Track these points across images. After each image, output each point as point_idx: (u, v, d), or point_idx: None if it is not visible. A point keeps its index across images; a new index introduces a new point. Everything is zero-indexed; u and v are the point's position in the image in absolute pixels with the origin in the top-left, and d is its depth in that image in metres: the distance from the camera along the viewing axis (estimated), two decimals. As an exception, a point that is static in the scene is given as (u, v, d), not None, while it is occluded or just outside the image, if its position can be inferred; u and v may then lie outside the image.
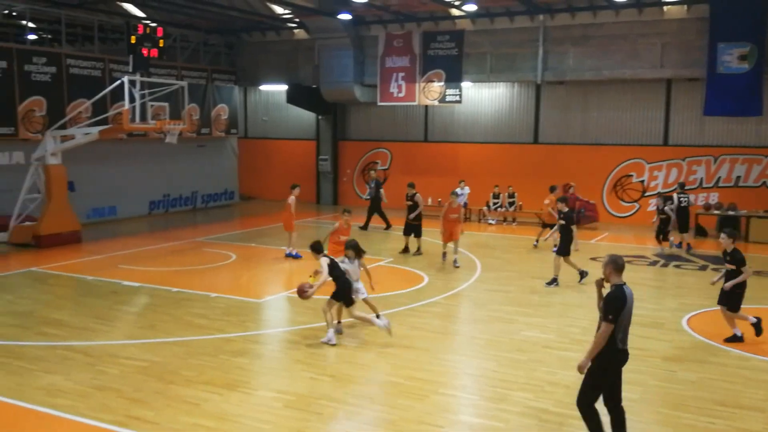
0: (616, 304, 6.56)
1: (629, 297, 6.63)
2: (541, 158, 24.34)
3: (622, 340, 6.66)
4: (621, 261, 6.76)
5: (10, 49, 19.44)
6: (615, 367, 6.75)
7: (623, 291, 6.63)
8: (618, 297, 6.59)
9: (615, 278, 6.75)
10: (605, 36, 22.14)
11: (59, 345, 10.27)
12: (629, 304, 6.62)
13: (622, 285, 6.70)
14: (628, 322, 6.67)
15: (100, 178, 22.43)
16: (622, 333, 6.63)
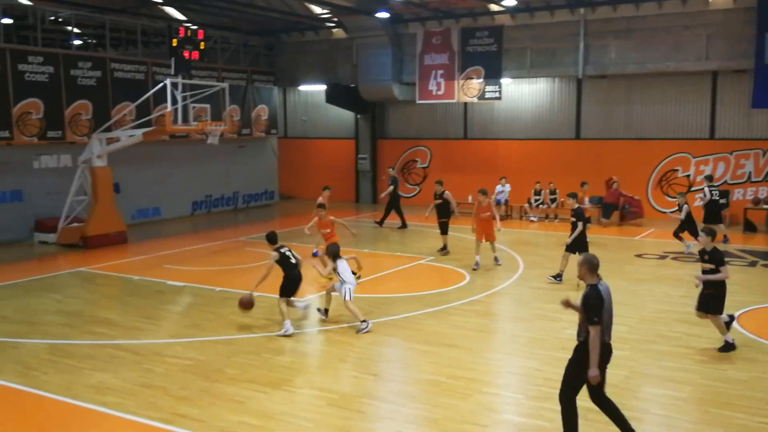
0: (597, 304, 6.65)
1: (605, 294, 6.75)
2: (583, 154, 24.00)
3: (608, 335, 6.81)
4: (596, 261, 6.85)
5: (57, 55, 19.92)
6: (604, 360, 6.83)
7: (598, 290, 6.72)
8: (596, 297, 6.68)
9: (590, 278, 6.82)
10: (648, 28, 21.71)
11: (107, 344, 10.48)
12: (607, 301, 6.74)
13: (597, 284, 6.78)
14: (609, 317, 6.79)
15: (144, 180, 22.85)
16: (606, 329, 6.76)
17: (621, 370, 9.19)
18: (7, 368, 9.42)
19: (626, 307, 12.34)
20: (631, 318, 11.61)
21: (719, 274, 9.80)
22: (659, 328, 11.05)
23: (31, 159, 19.95)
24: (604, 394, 6.97)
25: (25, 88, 18.84)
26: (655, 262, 16.37)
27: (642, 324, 11.29)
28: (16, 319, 11.86)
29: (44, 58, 19.38)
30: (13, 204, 19.63)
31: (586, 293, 6.79)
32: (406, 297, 13.18)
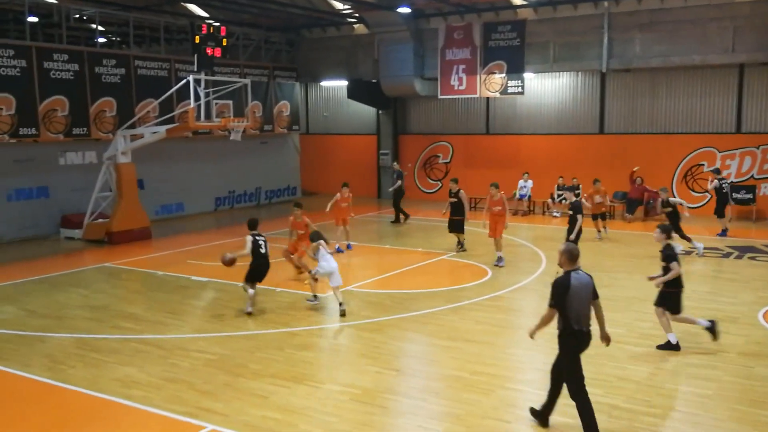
0: (558, 290, 6.97)
1: (575, 282, 6.95)
2: (607, 149, 23.79)
3: (576, 322, 6.95)
4: (576, 252, 7.14)
5: (82, 52, 20.14)
6: (575, 346, 7.04)
7: (568, 278, 6.97)
8: (560, 284, 6.96)
9: (567, 265, 7.09)
10: (674, 21, 21.41)
11: (133, 338, 10.60)
12: (575, 289, 6.93)
13: (571, 271, 7.02)
14: (579, 304, 6.97)
15: (167, 176, 23.06)
16: (574, 315, 6.94)
17: (645, 366, 9.13)
18: (35, 362, 9.57)
19: (650, 303, 12.15)
20: (654, 314, 11.48)
21: (670, 273, 9.76)
22: (684, 325, 10.91)
23: (57, 156, 20.24)
24: (583, 387, 7.06)
25: (50, 86, 19.09)
26: (680, 258, 16.12)
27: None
28: (44, 314, 12.04)
29: (69, 55, 19.61)
30: (40, 200, 19.92)
31: (556, 278, 7.09)
32: (429, 293, 13.17)
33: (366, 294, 13.21)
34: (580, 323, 6.98)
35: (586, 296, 7.04)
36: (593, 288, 7.16)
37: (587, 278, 7.11)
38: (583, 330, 7.01)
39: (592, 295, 7.13)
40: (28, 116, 18.61)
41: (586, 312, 7.05)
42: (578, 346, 7.06)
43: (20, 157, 19.53)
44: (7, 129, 18.26)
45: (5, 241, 19.04)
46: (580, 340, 7.04)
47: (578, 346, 7.06)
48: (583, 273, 7.10)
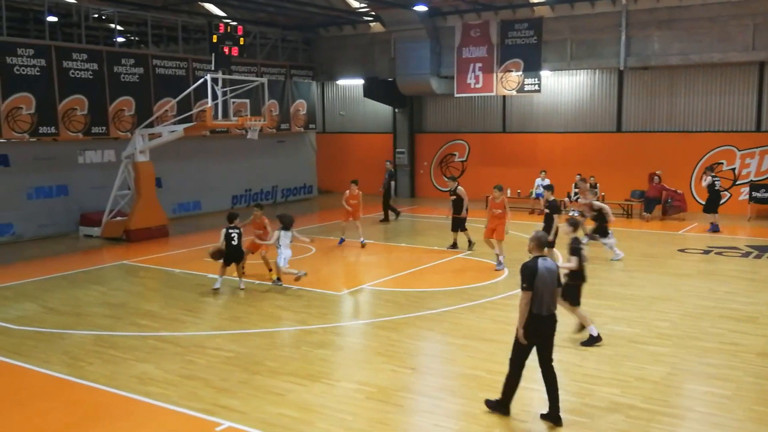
0: (527, 273, 7.33)
1: (542, 267, 7.34)
2: (624, 147, 23.63)
3: (537, 307, 7.30)
4: (544, 239, 7.64)
5: (101, 52, 20.31)
6: (533, 330, 7.34)
7: (536, 262, 7.38)
8: (529, 267, 7.35)
9: (535, 252, 7.56)
10: (693, 18, 21.21)
11: (150, 335, 10.68)
12: (542, 273, 7.30)
13: (538, 257, 7.45)
14: (544, 289, 7.32)
15: (185, 174, 23.21)
16: (537, 300, 7.29)
17: (663, 366, 9.06)
18: (54, 358, 9.68)
19: (668, 302, 12.15)
20: (674, 314, 11.42)
21: (569, 264, 9.86)
22: (703, 325, 10.84)
23: (77, 154, 20.44)
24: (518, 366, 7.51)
25: (70, 85, 19.27)
26: (699, 257, 16.04)
27: (685, 320, 11.09)
28: (63, 311, 12.16)
29: (88, 55, 19.79)
30: (59, 198, 20.12)
31: (524, 263, 7.44)
32: (445, 291, 13.16)
33: (381, 292, 13.23)
34: (540, 308, 7.33)
35: (551, 282, 7.40)
36: (558, 276, 7.56)
37: (554, 265, 7.51)
38: (542, 314, 7.35)
39: (556, 283, 7.49)
40: (47, 115, 18.80)
41: (549, 297, 7.38)
42: (534, 329, 7.37)
43: (40, 155, 19.76)
44: (27, 128, 18.45)
45: (25, 239, 19.26)
46: (538, 324, 7.37)
47: (534, 329, 7.37)
48: (550, 261, 7.51)
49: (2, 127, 17.91)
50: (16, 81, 18.08)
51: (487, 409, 7.74)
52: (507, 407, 7.63)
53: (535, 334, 7.38)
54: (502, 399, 7.63)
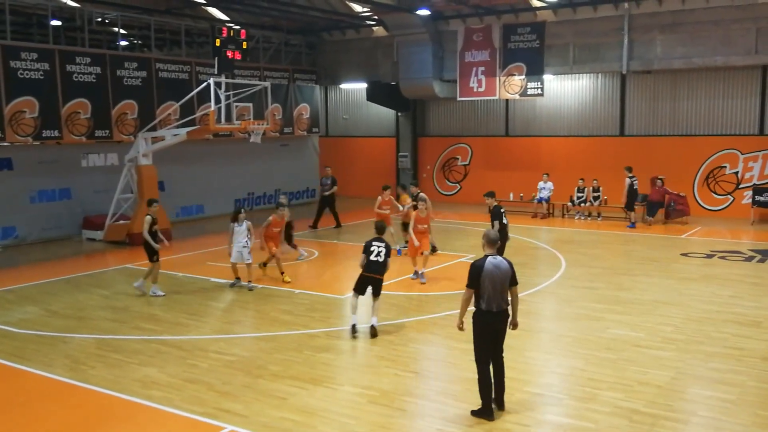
0: (472, 271, 7.61)
1: (489, 265, 7.55)
2: (627, 151, 23.60)
3: (486, 303, 7.55)
4: (492, 236, 7.89)
5: (104, 55, 20.35)
6: (482, 326, 7.61)
7: (483, 261, 7.60)
8: (476, 266, 7.61)
9: (487, 250, 7.76)
10: (695, 22, 21.18)
11: (153, 339, 10.68)
12: (489, 271, 7.52)
13: (488, 255, 7.66)
14: (491, 287, 7.53)
15: (188, 178, 23.22)
16: (485, 296, 7.54)
17: (667, 371, 9.04)
18: (57, 362, 9.68)
19: (672, 306, 12.12)
20: (677, 318, 11.39)
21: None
22: (706, 329, 10.81)
23: (80, 157, 20.44)
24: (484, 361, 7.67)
25: (73, 89, 19.29)
26: (702, 261, 16.01)
27: (688, 324, 11.06)
28: (66, 314, 12.17)
29: (91, 58, 19.82)
30: (62, 201, 20.15)
31: (473, 261, 7.73)
32: (447, 295, 13.14)
33: (385, 296, 13.13)
34: (489, 304, 7.55)
35: (501, 280, 7.57)
36: (511, 274, 7.67)
37: (506, 264, 7.67)
38: (492, 311, 7.57)
39: (509, 281, 7.65)
40: (51, 119, 18.83)
41: (498, 295, 7.56)
42: (484, 325, 7.60)
43: (43, 159, 19.79)
44: (31, 131, 18.49)
45: (28, 242, 19.27)
46: (487, 320, 7.59)
47: (484, 325, 7.60)
48: (501, 259, 7.70)
49: (6, 130, 17.94)
50: (20, 85, 18.11)
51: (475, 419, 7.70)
52: (489, 410, 7.66)
53: (486, 330, 7.62)
54: (483, 403, 7.69)
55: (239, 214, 13.76)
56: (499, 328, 7.71)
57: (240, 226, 13.65)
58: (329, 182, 21.53)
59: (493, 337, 7.70)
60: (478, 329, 7.66)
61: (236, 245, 13.66)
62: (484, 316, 7.62)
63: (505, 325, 7.78)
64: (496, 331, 7.71)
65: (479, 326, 7.64)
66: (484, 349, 7.68)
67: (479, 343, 7.69)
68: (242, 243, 13.62)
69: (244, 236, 13.65)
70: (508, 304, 7.72)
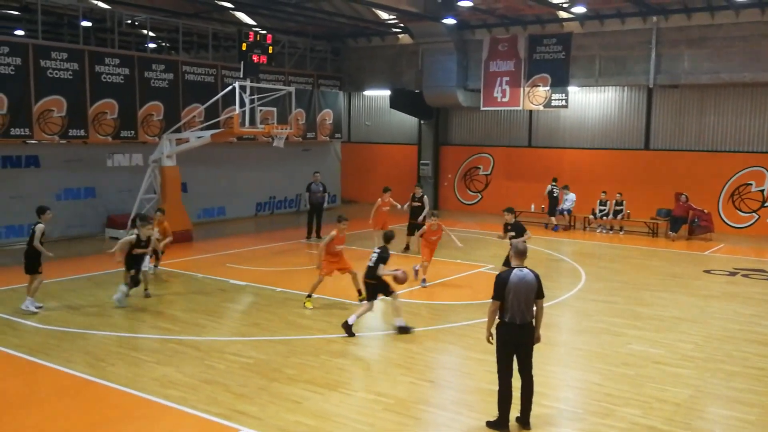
0: (497, 284, 7.55)
1: (514, 277, 7.47)
2: (651, 165, 23.43)
3: (510, 315, 7.48)
4: (521, 247, 7.78)
5: (132, 57, 20.60)
6: (505, 338, 7.54)
7: (508, 273, 7.54)
8: (501, 278, 7.55)
9: (514, 261, 7.71)
10: (724, 37, 21.00)
11: (172, 339, 10.76)
12: (514, 284, 7.45)
13: (514, 268, 7.59)
14: (516, 300, 7.45)
15: (210, 180, 23.41)
16: (509, 309, 7.47)
17: (686, 388, 8.93)
18: (77, 358, 9.78)
19: (692, 323, 11.98)
20: (697, 335, 11.26)
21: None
22: (727, 348, 10.67)
23: (105, 157, 20.71)
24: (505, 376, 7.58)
25: (101, 89, 19.55)
26: (725, 279, 15.81)
27: (709, 342, 10.93)
28: (88, 312, 12.31)
29: (120, 60, 20.08)
30: (87, 200, 20.40)
31: (498, 273, 7.69)
32: (466, 305, 13.11)
33: (402, 303, 13.17)
34: (513, 317, 7.47)
35: (525, 293, 7.47)
36: (537, 287, 7.55)
37: (531, 277, 7.56)
38: (515, 323, 7.48)
39: (535, 294, 7.54)
40: (78, 118, 19.09)
41: (522, 307, 7.47)
42: (507, 337, 7.53)
43: (70, 157, 20.06)
44: (58, 130, 18.75)
45: (52, 239, 19.49)
46: (510, 332, 7.51)
47: (507, 337, 7.53)
48: (528, 271, 7.59)
49: (34, 128, 18.22)
50: (49, 84, 18.38)
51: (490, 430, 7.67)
52: (506, 423, 7.60)
53: (509, 342, 7.54)
54: (499, 415, 7.62)
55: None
56: (522, 341, 7.59)
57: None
58: (321, 189, 20.90)
59: (517, 350, 7.58)
60: (500, 341, 7.59)
61: None
62: (507, 328, 7.53)
63: (531, 338, 7.64)
64: (520, 345, 7.59)
65: (502, 338, 7.57)
66: (506, 361, 7.58)
67: (501, 355, 7.61)
68: None
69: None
70: (529, 318, 7.59)
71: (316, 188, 20.83)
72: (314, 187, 20.82)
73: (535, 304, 7.60)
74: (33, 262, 12.20)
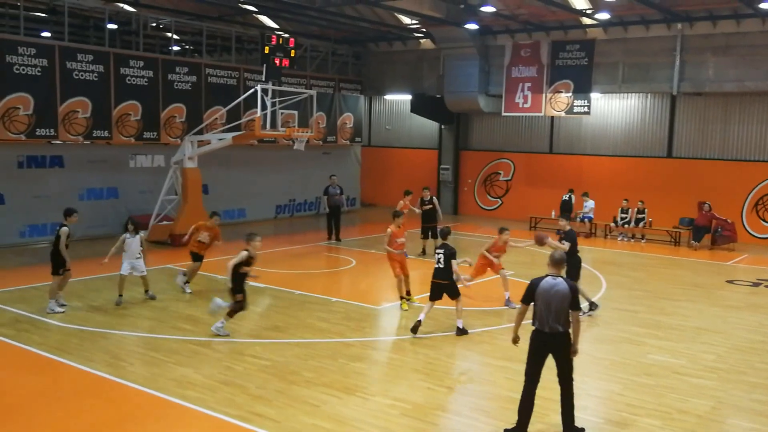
0: (528, 288, 7.61)
1: (545, 284, 7.46)
2: (674, 173, 23.19)
3: (539, 322, 7.49)
4: (557, 256, 7.71)
5: (156, 59, 20.79)
6: (534, 345, 7.55)
7: (539, 279, 7.55)
8: (532, 283, 7.60)
9: (549, 269, 7.63)
10: (750, 45, 20.76)
11: (191, 339, 10.82)
12: (543, 290, 7.43)
13: (546, 276, 7.56)
14: (544, 307, 7.42)
15: (231, 182, 23.53)
16: (538, 315, 7.49)
17: (707, 400, 8.81)
18: (97, 357, 9.86)
19: (715, 334, 11.83)
20: (720, 346, 11.11)
21: None
22: (751, 359, 10.52)
23: (128, 158, 20.92)
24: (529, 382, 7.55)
25: (125, 91, 19.75)
26: (748, 290, 15.60)
27: (732, 353, 10.78)
28: (108, 311, 12.41)
29: (144, 62, 20.27)
30: (109, 200, 20.59)
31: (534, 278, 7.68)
32: (484, 311, 13.05)
33: (421, 309, 13.13)
34: (542, 324, 7.45)
35: (555, 301, 7.39)
36: (569, 298, 7.41)
37: (564, 286, 7.44)
38: (544, 331, 7.45)
39: (567, 304, 7.42)
40: (102, 119, 19.29)
41: (551, 316, 7.41)
42: (536, 344, 7.53)
43: (93, 158, 20.27)
44: (82, 131, 18.96)
45: (74, 238, 19.65)
46: (538, 339, 7.52)
47: (536, 344, 7.53)
48: (562, 281, 7.49)
49: (59, 129, 18.44)
50: (75, 85, 18.61)
51: None
52: (523, 430, 7.54)
53: (537, 349, 7.53)
54: (517, 421, 7.56)
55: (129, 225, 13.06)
56: (552, 351, 7.52)
57: (131, 238, 12.93)
58: (338, 191, 21.15)
59: (554, 358, 7.53)
60: (530, 347, 7.61)
61: (128, 258, 12.89)
62: (535, 334, 7.55)
63: (562, 349, 7.51)
64: (550, 352, 7.52)
65: (531, 344, 7.59)
66: (532, 368, 7.55)
67: (528, 361, 7.62)
68: (135, 255, 12.94)
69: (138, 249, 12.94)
70: (564, 328, 7.44)
71: (333, 191, 21.00)
72: (332, 190, 21.01)
73: (570, 315, 7.46)
74: (55, 263, 12.25)
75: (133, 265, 12.98)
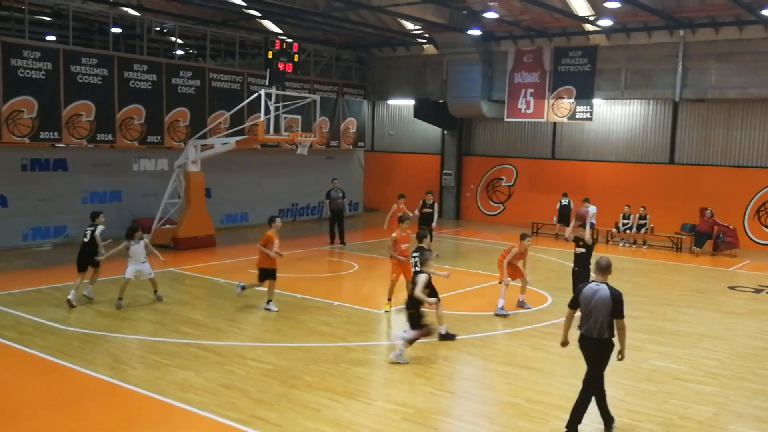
0: (574, 293, 7.92)
1: (588, 290, 7.66)
2: (676, 179, 23.20)
3: (582, 326, 7.73)
4: (603, 262, 7.93)
5: (160, 64, 20.87)
6: (581, 346, 7.78)
7: (584, 285, 7.80)
8: (578, 289, 7.87)
9: (595, 276, 7.88)
10: (753, 52, 20.77)
11: (192, 343, 10.83)
12: (586, 296, 7.64)
13: (592, 282, 7.79)
14: (586, 310, 7.65)
15: (234, 186, 23.58)
16: (582, 321, 7.73)
17: (709, 406, 8.81)
18: (99, 360, 9.89)
19: (717, 340, 11.82)
20: (722, 352, 11.10)
21: None
22: (752, 366, 10.51)
23: (131, 162, 20.98)
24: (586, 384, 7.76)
25: (129, 95, 19.83)
26: (750, 296, 15.59)
27: (734, 360, 10.77)
28: (110, 314, 12.44)
29: (148, 66, 20.35)
30: (113, 203, 20.62)
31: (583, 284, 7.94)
32: (487, 316, 13.05)
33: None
34: (589, 329, 7.64)
35: (598, 307, 7.54)
36: (612, 306, 7.52)
37: (606, 293, 7.55)
38: (584, 334, 7.69)
39: (612, 311, 7.53)
40: (106, 123, 19.37)
41: (592, 320, 7.58)
42: (581, 346, 7.77)
43: (97, 161, 20.33)
44: (86, 134, 19.02)
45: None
46: (582, 344, 7.75)
47: (581, 346, 7.77)
48: (605, 288, 7.60)
49: (63, 132, 18.51)
50: (79, 89, 18.68)
51: None
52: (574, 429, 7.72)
53: (583, 353, 7.79)
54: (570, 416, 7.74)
55: (136, 232, 13.12)
56: (588, 353, 7.73)
57: (137, 244, 13.03)
58: (340, 195, 21.33)
59: (588, 360, 7.77)
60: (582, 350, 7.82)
61: (133, 263, 12.95)
62: (580, 339, 7.79)
63: (602, 353, 7.67)
64: (590, 357, 7.74)
65: (581, 346, 7.81)
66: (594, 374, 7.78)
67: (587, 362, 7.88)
68: (141, 260, 13.02)
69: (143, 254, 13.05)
70: (604, 334, 7.58)
71: (335, 195, 21.13)
72: (334, 194, 21.15)
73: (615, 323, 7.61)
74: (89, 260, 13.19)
75: (138, 269, 13.04)
